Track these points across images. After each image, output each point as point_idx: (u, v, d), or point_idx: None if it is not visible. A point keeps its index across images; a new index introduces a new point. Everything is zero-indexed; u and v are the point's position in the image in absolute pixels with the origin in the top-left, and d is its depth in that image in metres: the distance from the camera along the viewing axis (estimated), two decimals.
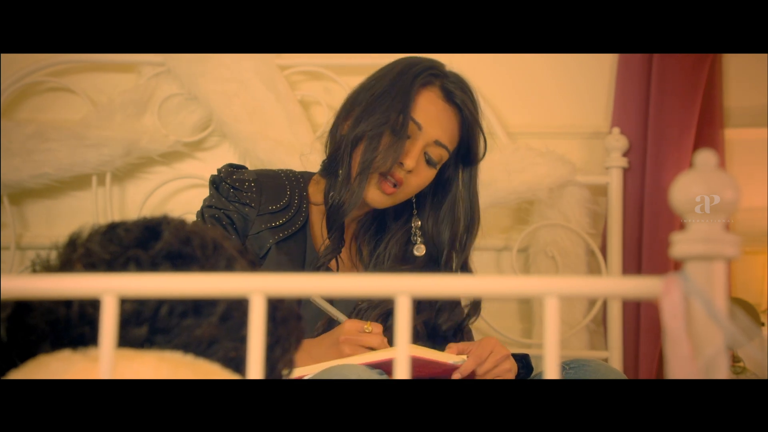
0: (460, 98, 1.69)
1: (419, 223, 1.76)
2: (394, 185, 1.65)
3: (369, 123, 1.65)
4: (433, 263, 1.75)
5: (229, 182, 1.69)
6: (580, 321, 2.35)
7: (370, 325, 1.52)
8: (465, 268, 1.77)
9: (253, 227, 1.67)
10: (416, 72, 1.67)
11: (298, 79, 2.45)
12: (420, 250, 1.74)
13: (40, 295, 0.67)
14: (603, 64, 2.48)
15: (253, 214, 1.68)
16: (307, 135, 2.30)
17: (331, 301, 1.63)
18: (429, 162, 1.68)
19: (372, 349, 1.49)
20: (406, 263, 1.74)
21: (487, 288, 0.67)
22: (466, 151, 1.73)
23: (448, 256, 1.74)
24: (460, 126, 1.70)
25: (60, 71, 2.43)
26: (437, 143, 1.67)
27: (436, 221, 1.75)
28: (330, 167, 1.70)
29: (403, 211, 1.78)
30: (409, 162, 1.64)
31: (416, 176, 1.67)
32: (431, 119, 1.66)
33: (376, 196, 1.66)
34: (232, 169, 1.73)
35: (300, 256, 1.69)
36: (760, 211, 2.30)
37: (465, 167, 1.75)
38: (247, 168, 1.77)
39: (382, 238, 1.77)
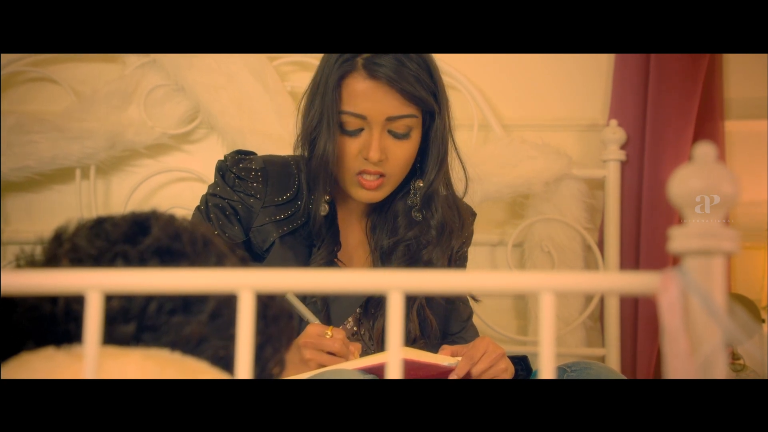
0: (383, 70, 1.54)
1: (420, 183, 1.67)
2: (378, 176, 1.60)
3: (311, 132, 1.61)
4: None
5: (234, 171, 1.64)
6: (577, 318, 2.33)
7: (332, 330, 1.48)
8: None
9: (257, 219, 1.63)
10: (335, 65, 1.58)
11: (288, 70, 2.43)
12: (418, 216, 1.66)
13: (22, 292, 0.66)
14: (600, 55, 2.46)
15: (257, 206, 1.63)
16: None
17: (321, 300, 1.60)
18: (398, 137, 1.59)
19: (332, 354, 1.46)
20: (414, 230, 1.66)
21: (481, 284, 0.66)
22: (430, 105, 1.60)
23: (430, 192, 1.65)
24: (403, 92, 1.55)
25: (42, 61, 2.39)
26: (391, 119, 1.57)
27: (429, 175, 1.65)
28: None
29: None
30: (373, 154, 1.56)
31: (394, 156, 1.59)
32: (368, 103, 1.56)
33: (364, 195, 1.62)
34: (239, 156, 1.68)
35: (304, 251, 1.64)
36: (761, 206, 2.29)
37: (432, 118, 1.63)
38: (255, 154, 1.71)
39: (396, 228, 1.68)
